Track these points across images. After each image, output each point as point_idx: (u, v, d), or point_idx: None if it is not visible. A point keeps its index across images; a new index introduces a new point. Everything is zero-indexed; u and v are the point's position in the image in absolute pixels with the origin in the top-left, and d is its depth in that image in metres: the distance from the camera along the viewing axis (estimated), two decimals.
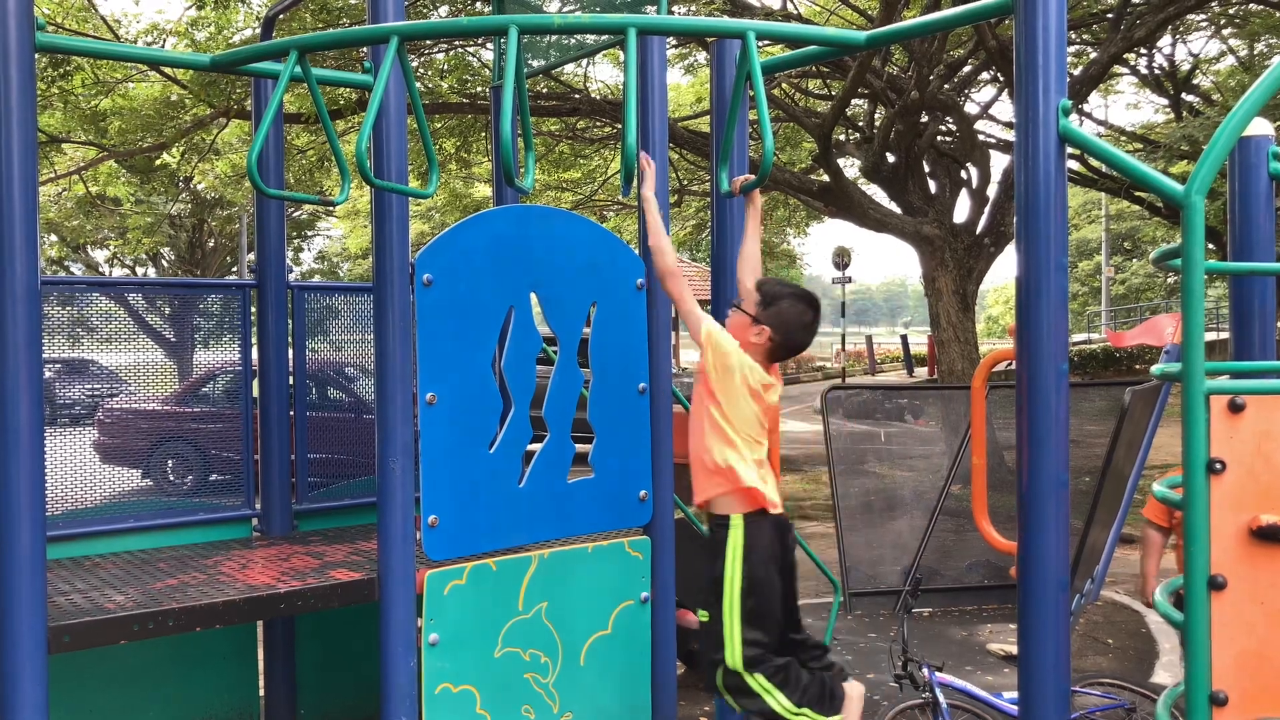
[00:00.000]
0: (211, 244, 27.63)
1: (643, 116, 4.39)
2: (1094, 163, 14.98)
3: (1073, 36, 13.15)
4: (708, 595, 3.21)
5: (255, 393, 4.95)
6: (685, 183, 17.49)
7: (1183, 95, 14.95)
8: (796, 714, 3.05)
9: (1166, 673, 6.02)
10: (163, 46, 12.28)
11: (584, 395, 4.31)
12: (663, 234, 3.33)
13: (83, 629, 3.38)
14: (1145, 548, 4.72)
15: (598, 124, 14.62)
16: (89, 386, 5.19)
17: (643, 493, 4.42)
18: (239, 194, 18.54)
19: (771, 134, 3.00)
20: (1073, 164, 14.45)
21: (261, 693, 4.98)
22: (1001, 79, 12.94)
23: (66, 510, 4.50)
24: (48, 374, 4.81)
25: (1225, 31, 14.43)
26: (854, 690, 3.23)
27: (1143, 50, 13.81)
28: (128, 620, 3.46)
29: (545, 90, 12.83)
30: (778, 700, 3.05)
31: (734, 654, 3.11)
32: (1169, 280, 35.72)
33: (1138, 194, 15.28)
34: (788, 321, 3.21)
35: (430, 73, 12.21)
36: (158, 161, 15.79)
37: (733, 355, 3.17)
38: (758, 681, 3.07)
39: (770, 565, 3.17)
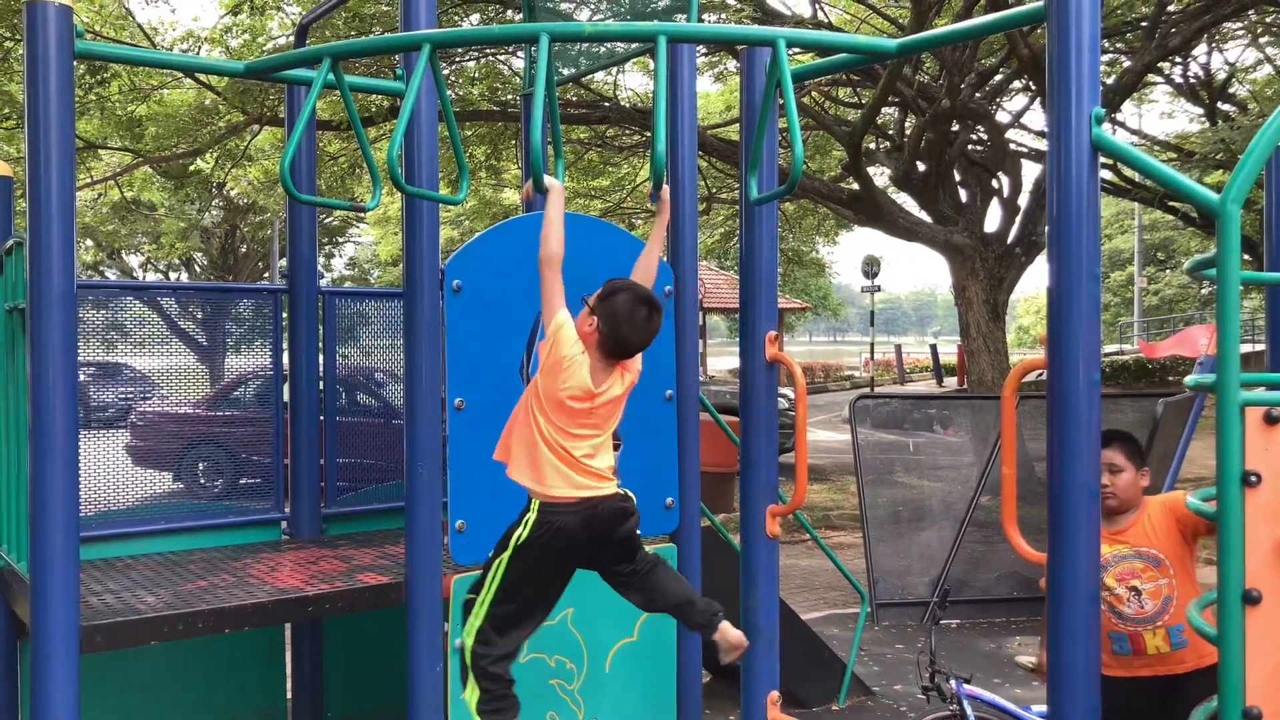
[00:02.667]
0: (244, 249, 27.90)
1: (672, 124, 4.40)
2: (1127, 172, 14.83)
3: (1106, 45, 13.04)
4: None
5: (285, 397, 4.98)
6: (714, 191, 17.48)
7: (1218, 104, 14.80)
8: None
9: None
10: (198, 54, 12.43)
11: None
12: (556, 223, 3.23)
13: (114, 629, 3.42)
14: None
15: (627, 132, 14.64)
16: (122, 390, 5.25)
17: (669, 500, 4.41)
18: (271, 200, 18.72)
19: (801, 142, 3.00)
20: (1106, 173, 14.32)
21: (289, 695, 5.01)
22: (1034, 87, 12.84)
23: (99, 512, 4.55)
24: (82, 377, 4.87)
25: (1262, 40, 14.26)
26: None
27: (1178, 59, 13.68)
28: (158, 621, 3.49)
29: (575, 98, 12.87)
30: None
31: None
32: (1203, 291, 35.33)
33: (1172, 204, 15.12)
34: (616, 314, 3.15)
35: (461, 80, 12.28)
36: (192, 167, 15.96)
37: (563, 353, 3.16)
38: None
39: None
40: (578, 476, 3.15)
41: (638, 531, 3.30)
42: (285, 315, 4.99)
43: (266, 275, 27.04)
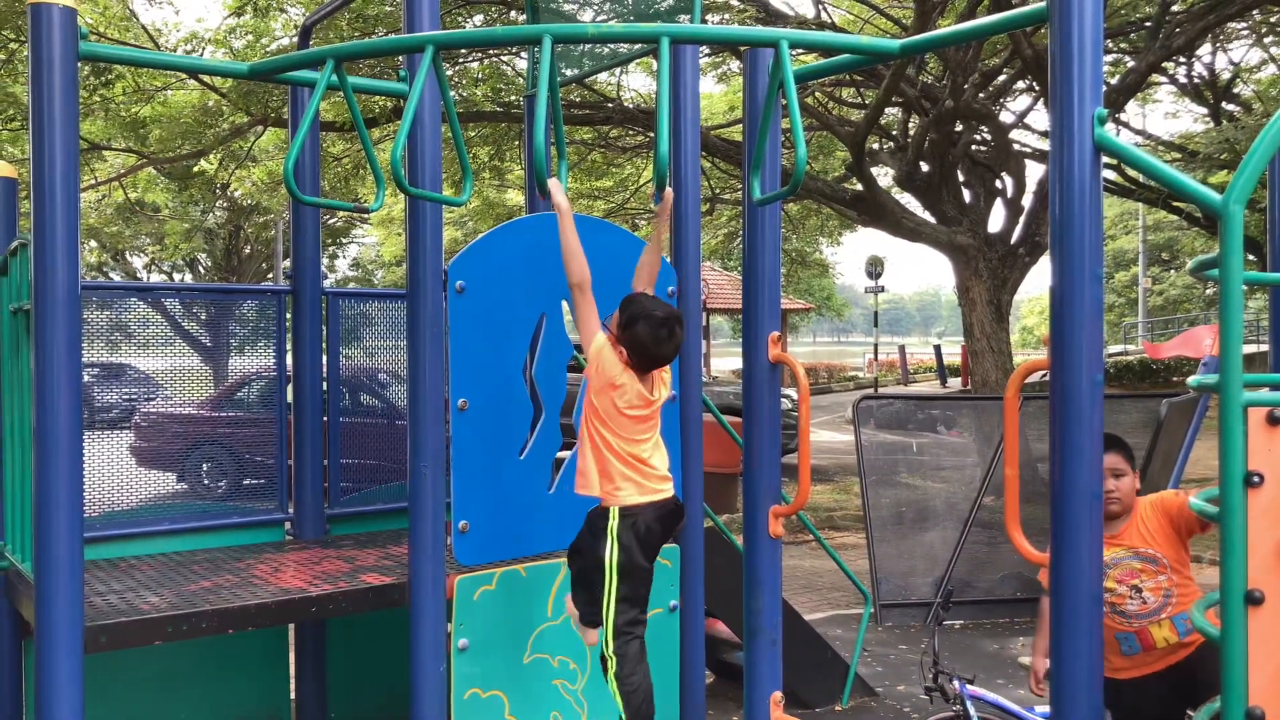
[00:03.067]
0: (248, 251, 27.92)
1: (675, 125, 4.40)
2: (1132, 172, 14.80)
3: (1110, 45, 13.03)
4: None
5: (289, 398, 4.99)
6: (717, 191, 17.48)
7: (1223, 104, 14.78)
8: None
9: None
10: (202, 55, 12.45)
11: None
12: (573, 247, 3.40)
13: (119, 629, 3.43)
14: (1038, 621, 3.94)
15: (630, 133, 14.64)
16: (126, 391, 5.26)
17: None
18: (275, 201, 18.73)
19: (804, 142, 3.00)
20: (1110, 174, 14.31)
21: (292, 695, 5.02)
22: (1037, 88, 12.83)
23: (104, 512, 4.56)
24: (86, 378, 4.88)
25: (1267, 40, 14.24)
26: None
27: (1182, 59, 13.67)
28: (162, 621, 3.50)
29: (578, 99, 12.87)
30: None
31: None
32: (1208, 292, 35.28)
33: (1176, 204, 15.11)
34: (642, 342, 3.34)
35: (465, 81, 12.29)
36: (195, 168, 15.99)
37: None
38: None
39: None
40: (648, 482, 3.42)
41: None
42: (289, 316, 5.00)
43: (270, 276, 27.06)
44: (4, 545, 4.38)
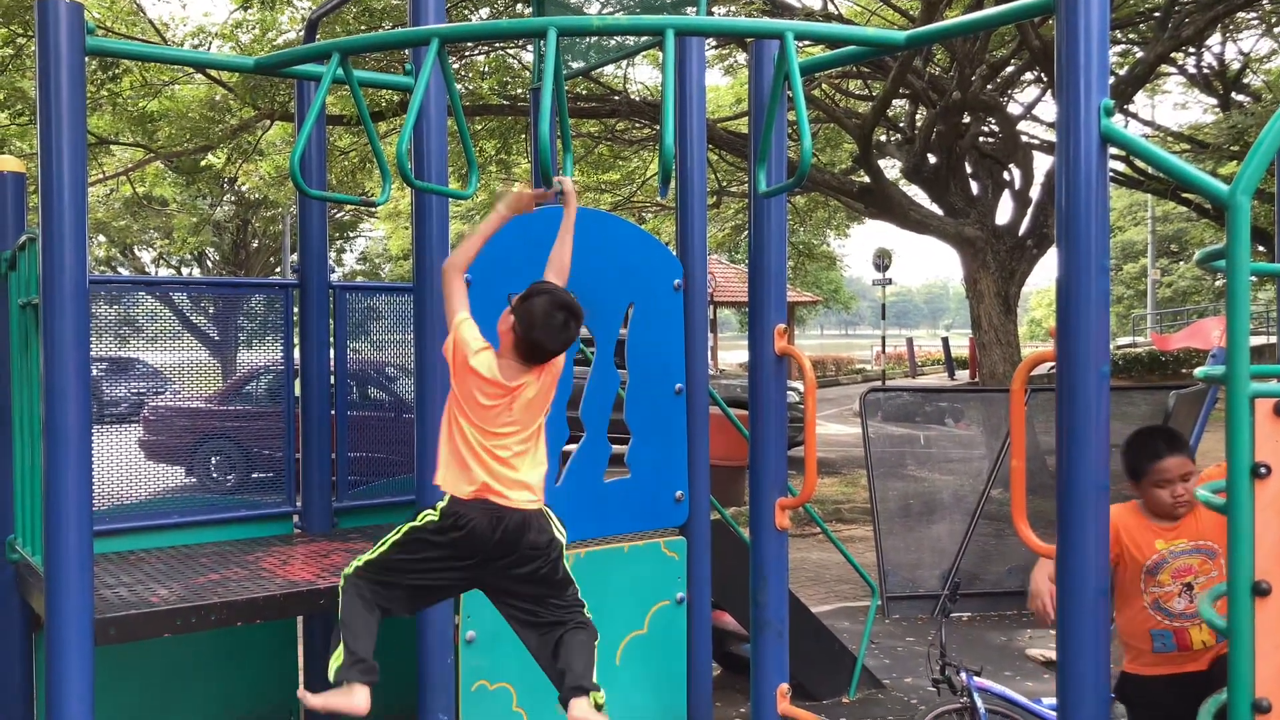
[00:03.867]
0: (255, 245, 27.97)
1: (681, 117, 4.40)
2: (1140, 164, 14.75)
3: (1119, 36, 12.97)
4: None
5: (297, 392, 5.00)
6: (724, 184, 17.45)
7: (1232, 94, 14.71)
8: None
9: None
10: (208, 49, 12.46)
11: (621, 396, 4.32)
12: (480, 239, 3.27)
13: (128, 622, 3.45)
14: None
15: (637, 125, 14.62)
16: (135, 385, 5.28)
17: (679, 493, 4.42)
18: (282, 195, 18.77)
19: (810, 134, 2.99)
20: (1118, 165, 14.25)
21: (301, 688, 5.03)
22: (1045, 79, 12.78)
23: (113, 506, 4.58)
24: (95, 372, 4.90)
25: (1276, 30, 14.16)
26: None
27: (1191, 49, 13.59)
28: (171, 614, 3.52)
29: (585, 92, 12.86)
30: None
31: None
32: (1216, 284, 35.13)
33: (1185, 195, 15.05)
34: (533, 316, 3.04)
35: (471, 75, 12.29)
36: (203, 163, 16.02)
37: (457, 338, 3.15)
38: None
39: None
40: (495, 483, 3.05)
41: (557, 573, 3.16)
42: (296, 310, 5.01)
43: (278, 270, 27.12)
44: (14, 538, 4.40)
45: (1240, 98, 14.76)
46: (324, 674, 4.98)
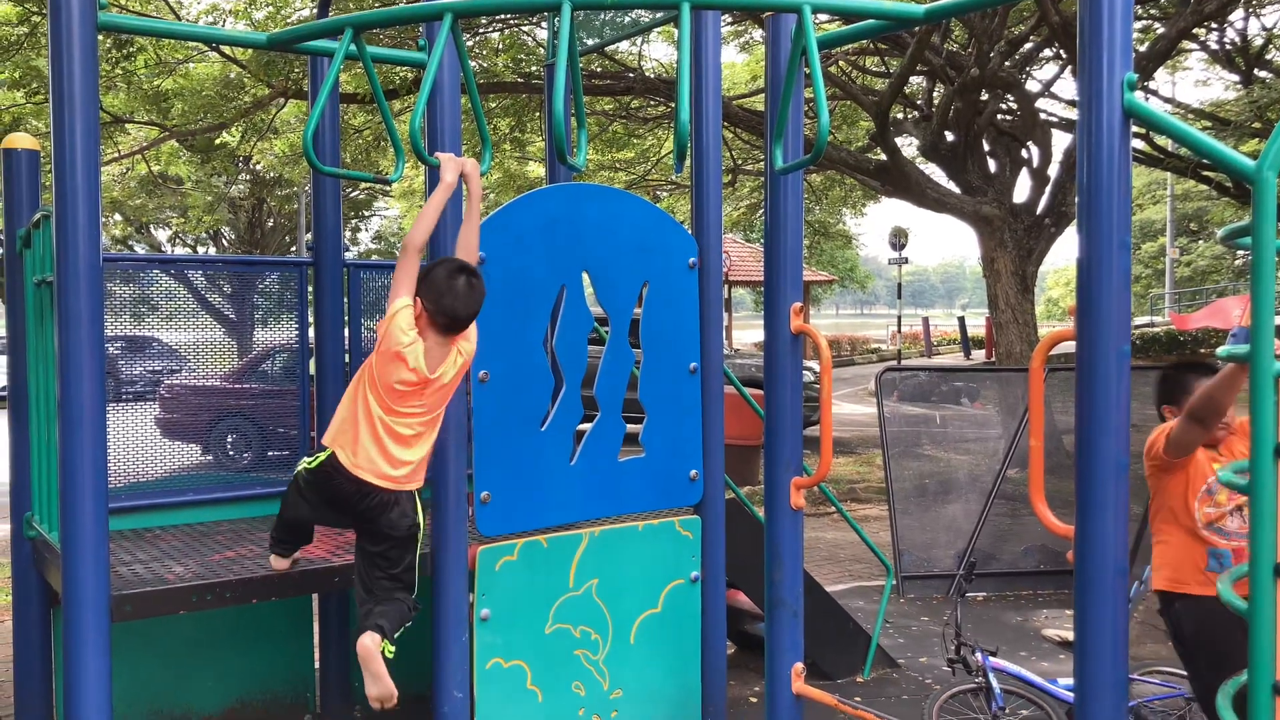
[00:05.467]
0: (271, 223, 28.01)
1: (696, 94, 4.36)
2: (1160, 141, 14.58)
3: (1140, 11, 12.80)
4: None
5: (311, 370, 5.01)
6: (740, 162, 17.36)
7: (1255, 70, 14.52)
8: None
9: None
10: (222, 26, 12.43)
11: (635, 375, 4.31)
12: (432, 214, 3.43)
13: (143, 598, 3.46)
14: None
15: (652, 103, 14.53)
16: (151, 364, 5.29)
17: (693, 472, 4.41)
18: (297, 173, 18.76)
19: (827, 111, 2.96)
20: (1137, 143, 14.10)
21: (316, 665, 5.06)
22: (1064, 56, 12.63)
23: (129, 483, 4.60)
24: (112, 351, 4.91)
25: None
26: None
27: (1213, 24, 13.41)
28: (186, 591, 3.54)
29: (599, 69, 12.78)
30: None
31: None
32: (1237, 262, 34.85)
33: (1205, 173, 14.88)
34: (435, 286, 3.29)
35: (485, 52, 12.23)
36: (217, 141, 16.01)
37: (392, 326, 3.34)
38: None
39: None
40: (382, 461, 3.34)
41: (402, 561, 3.50)
42: (311, 288, 5.01)
43: (294, 249, 27.16)
44: (32, 515, 4.43)
45: (1263, 74, 14.56)
46: (341, 652, 5.02)
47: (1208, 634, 3.49)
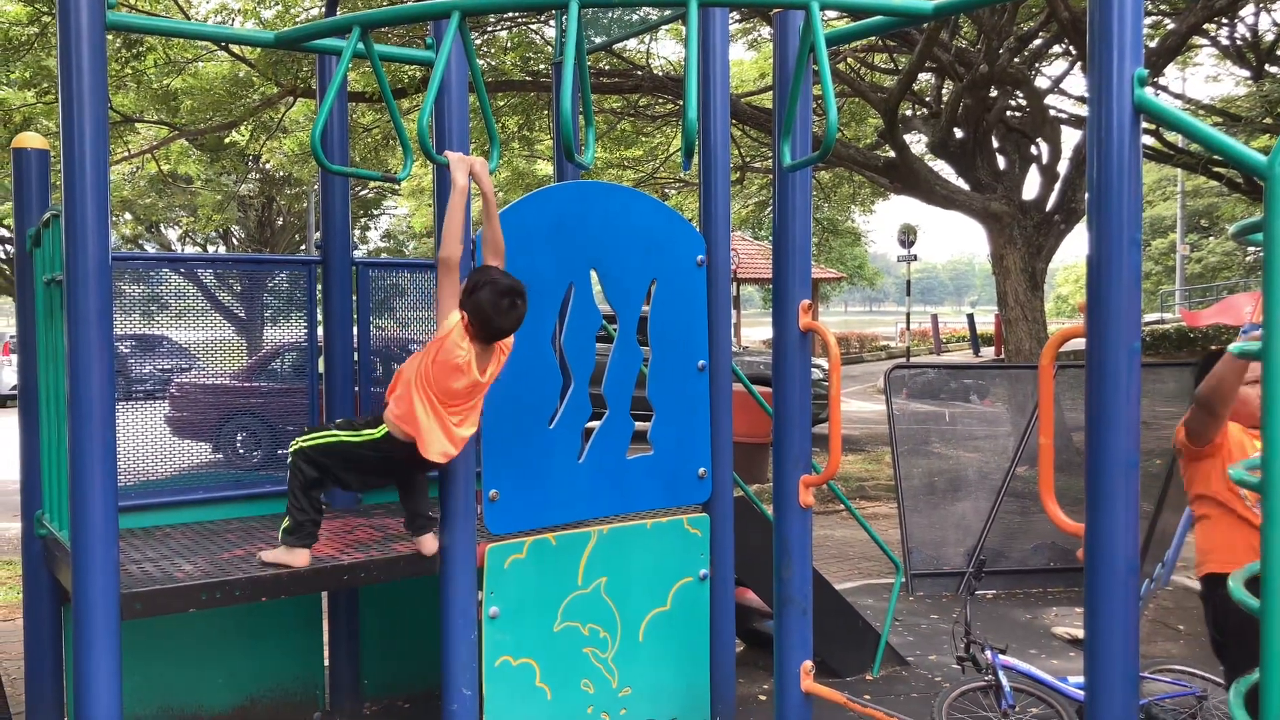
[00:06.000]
0: (280, 222, 28.05)
1: (704, 91, 4.35)
2: (1170, 137, 14.52)
3: (1150, 7, 12.74)
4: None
5: (320, 369, 5.01)
6: (748, 160, 17.33)
7: (1265, 66, 14.44)
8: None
9: None
10: (231, 25, 12.45)
11: (643, 373, 4.31)
12: (457, 221, 3.50)
13: (153, 597, 3.47)
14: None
15: (660, 101, 14.52)
16: (162, 362, 5.30)
17: (702, 470, 4.40)
18: (306, 172, 18.79)
19: (836, 108, 2.95)
20: (1147, 139, 14.03)
21: (326, 662, 5.07)
22: (1074, 52, 12.58)
23: (139, 482, 4.61)
24: (123, 350, 4.92)
25: None
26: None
27: (1224, 20, 13.35)
28: (196, 589, 3.54)
29: (607, 67, 12.77)
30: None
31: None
32: (1248, 258, 34.69)
33: (1216, 169, 14.81)
34: (483, 309, 3.48)
35: (494, 50, 12.23)
36: (227, 140, 16.05)
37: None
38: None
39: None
40: (449, 445, 3.65)
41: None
42: (320, 287, 5.01)
43: (303, 248, 27.19)
44: (42, 514, 4.44)
45: (1274, 69, 14.49)
46: (351, 650, 5.04)
47: (1254, 626, 3.46)
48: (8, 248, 24.58)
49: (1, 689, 5.06)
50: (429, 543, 3.91)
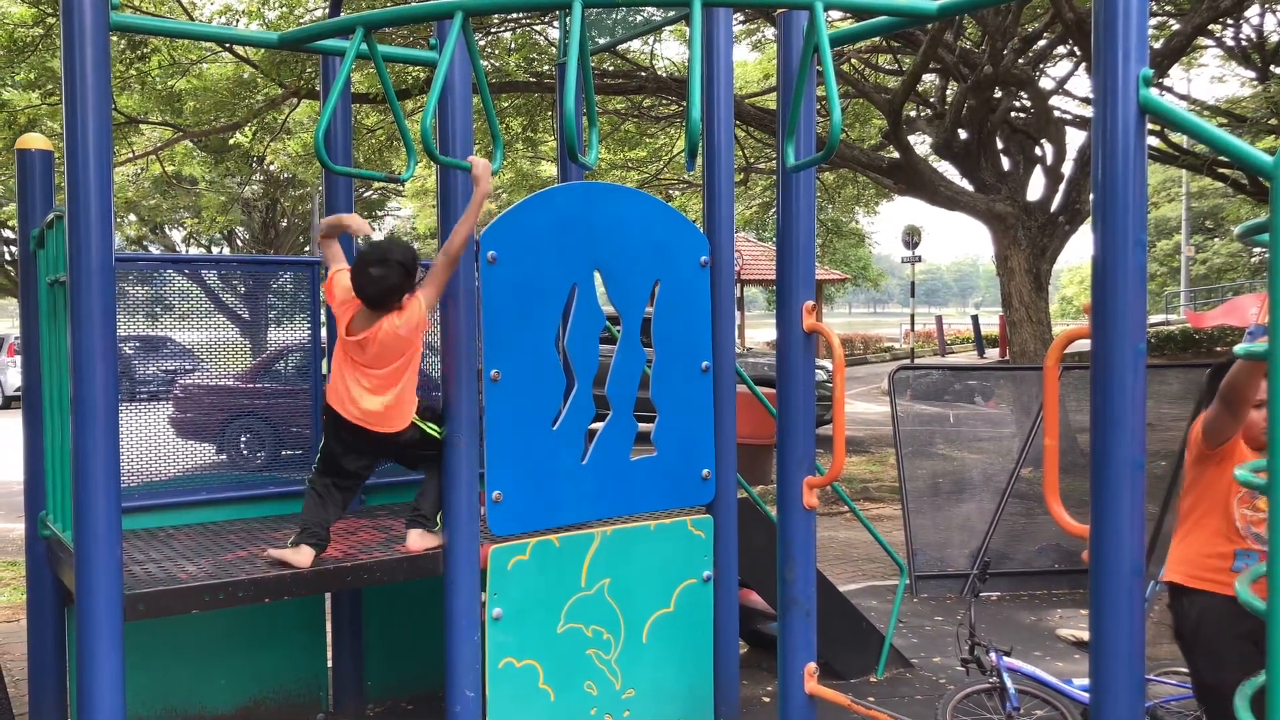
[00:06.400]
0: (285, 224, 28.09)
1: (708, 92, 4.35)
2: (1174, 138, 14.49)
3: (1155, 8, 12.72)
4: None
5: (324, 369, 5.01)
6: (752, 161, 17.33)
7: (1271, 67, 14.42)
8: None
9: None
10: (235, 26, 12.47)
11: (647, 374, 4.30)
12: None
13: (156, 598, 3.47)
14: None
15: (663, 102, 14.52)
16: (166, 363, 5.30)
17: (705, 471, 4.40)
18: (310, 173, 18.81)
19: (840, 109, 2.94)
20: (1152, 140, 14.00)
21: (329, 663, 5.07)
22: (1078, 53, 12.57)
23: (143, 483, 4.61)
24: (127, 351, 4.93)
25: None
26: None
27: (1229, 21, 13.33)
28: (199, 590, 3.54)
29: (611, 68, 12.78)
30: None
31: None
32: (1253, 259, 34.62)
33: (1221, 170, 14.78)
34: (355, 273, 3.82)
35: (497, 51, 12.24)
36: (231, 141, 16.07)
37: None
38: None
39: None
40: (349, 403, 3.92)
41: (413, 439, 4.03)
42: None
43: (307, 249, 27.23)
44: (46, 514, 4.44)
45: (1279, 70, 14.46)
46: (355, 652, 5.03)
47: (1211, 631, 3.49)
48: (12, 249, 24.64)
49: (5, 689, 5.06)
50: (411, 538, 4.01)
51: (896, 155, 12.29)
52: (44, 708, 4.56)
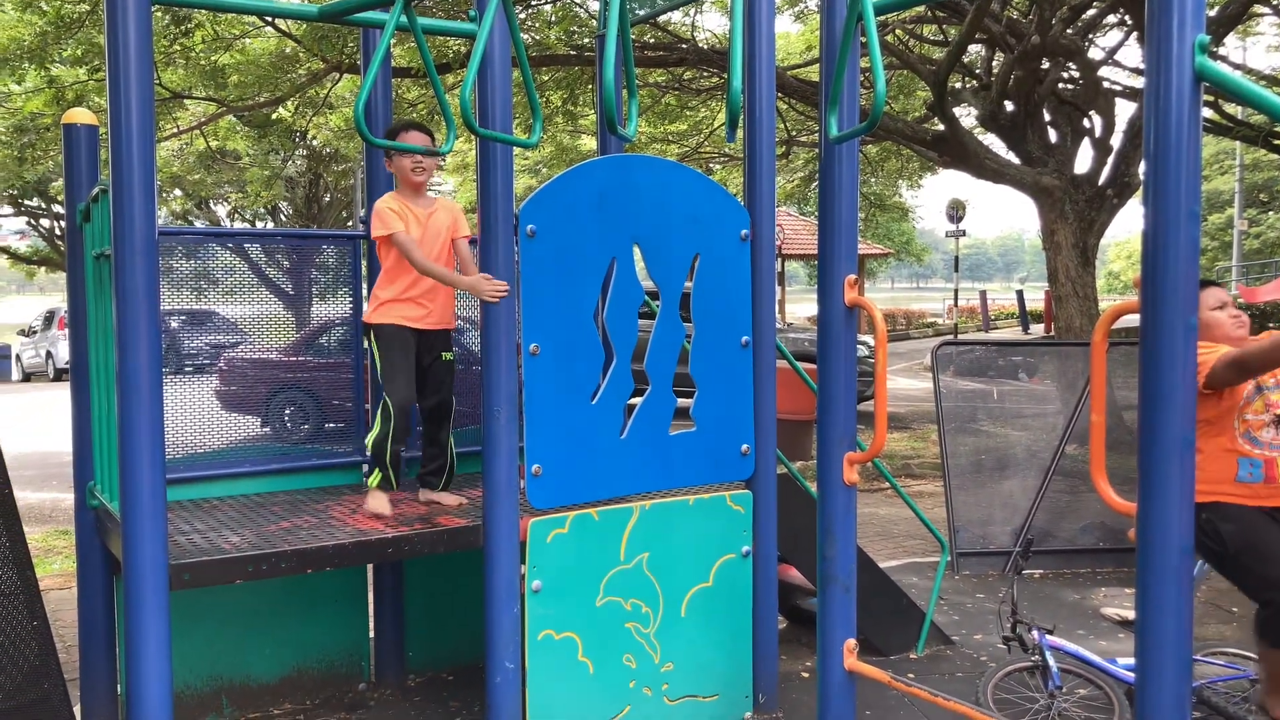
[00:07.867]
0: (328, 199, 28.29)
1: (750, 62, 4.30)
2: (1229, 109, 14.15)
3: None
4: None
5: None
6: (794, 133, 17.16)
7: None
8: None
9: None
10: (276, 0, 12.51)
11: (686, 348, 4.28)
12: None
13: (201, 568, 3.51)
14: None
15: (704, 75, 14.40)
16: (211, 337, 5.36)
17: (745, 447, 4.38)
18: (352, 147, 18.91)
19: (884, 80, 2.88)
20: (1205, 111, 13.68)
21: (371, 634, 5.12)
22: (1129, 22, 12.29)
23: (188, 454, 4.67)
24: (173, 325, 4.98)
25: None
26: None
27: None
28: (243, 560, 3.58)
29: (651, 40, 12.68)
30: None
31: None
32: None
33: (1277, 142, 14.43)
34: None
35: (538, 24, 12.19)
36: (274, 116, 16.17)
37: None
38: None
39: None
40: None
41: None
42: (365, 261, 5.03)
43: (350, 223, 27.41)
44: (94, 485, 4.52)
45: None
46: (396, 623, 5.08)
47: (1245, 535, 3.60)
48: (61, 223, 25.03)
49: (56, 654, 5.17)
50: (445, 497, 4.50)
51: (941, 127, 12.11)
52: (94, 673, 4.65)
